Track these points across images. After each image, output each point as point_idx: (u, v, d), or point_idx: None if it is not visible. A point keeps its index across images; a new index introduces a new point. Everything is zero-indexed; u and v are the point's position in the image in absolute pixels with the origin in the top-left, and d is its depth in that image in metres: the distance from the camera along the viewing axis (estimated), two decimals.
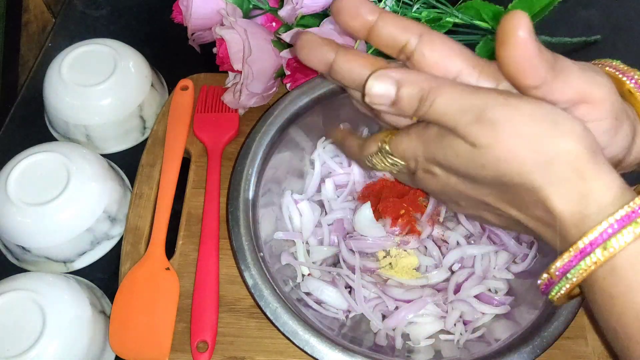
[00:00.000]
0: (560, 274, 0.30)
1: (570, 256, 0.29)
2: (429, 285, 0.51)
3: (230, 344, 0.49)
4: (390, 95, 0.32)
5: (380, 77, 0.32)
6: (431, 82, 0.31)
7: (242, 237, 0.48)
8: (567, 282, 0.30)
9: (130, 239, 0.54)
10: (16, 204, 0.51)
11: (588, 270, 0.29)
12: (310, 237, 0.53)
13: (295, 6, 0.56)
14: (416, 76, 0.32)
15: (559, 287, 0.31)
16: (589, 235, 0.28)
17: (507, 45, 0.30)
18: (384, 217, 0.53)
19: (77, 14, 0.74)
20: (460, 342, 0.48)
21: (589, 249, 0.29)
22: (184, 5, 0.59)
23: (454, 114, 0.30)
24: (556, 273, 0.30)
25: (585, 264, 0.29)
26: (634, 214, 0.28)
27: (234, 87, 0.58)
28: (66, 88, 0.59)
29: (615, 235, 0.28)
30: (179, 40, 0.64)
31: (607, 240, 0.28)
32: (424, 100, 0.31)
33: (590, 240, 0.28)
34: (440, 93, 0.31)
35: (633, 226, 0.28)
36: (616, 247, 0.28)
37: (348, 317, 0.50)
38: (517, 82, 0.31)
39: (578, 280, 0.30)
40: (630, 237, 0.28)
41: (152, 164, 0.58)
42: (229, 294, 0.51)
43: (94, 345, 0.48)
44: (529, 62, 0.30)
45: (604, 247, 0.28)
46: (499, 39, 0.30)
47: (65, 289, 0.48)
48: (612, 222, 0.28)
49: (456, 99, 0.30)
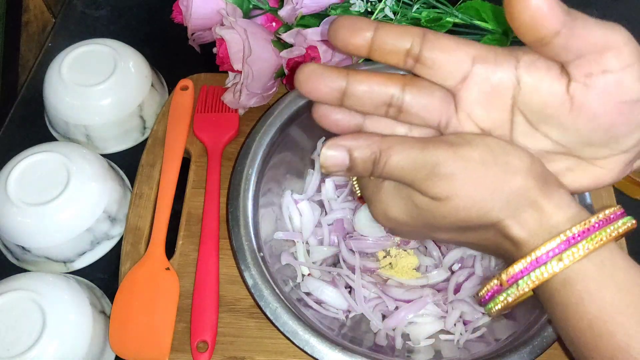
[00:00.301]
0: (511, 281, 0.31)
1: (526, 264, 0.31)
2: (429, 285, 0.51)
3: (230, 344, 0.49)
4: (344, 163, 0.33)
5: (332, 147, 0.32)
6: (382, 143, 0.32)
7: (242, 237, 0.48)
8: (516, 289, 0.31)
9: (130, 239, 0.54)
10: (16, 204, 0.51)
11: (540, 279, 0.30)
12: (310, 237, 0.53)
13: (295, 6, 0.56)
14: (366, 140, 0.32)
15: (505, 295, 0.32)
16: (546, 245, 0.30)
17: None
18: None
19: (77, 14, 0.74)
20: (460, 342, 0.48)
21: (545, 258, 0.30)
22: (184, 5, 0.59)
23: (409, 172, 0.31)
24: (507, 280, 0.31)
25: (539, 272, 0.30)
26: (589, 231, 0.30)
27: (234, 87, 0.58)
28: (66, 88, 0.59)
29: (571, 248, 0.30)
30: (179, 40, 0.64)
31: (562, 252, 0.30)
32: (377, 161, 0.32)
33: (547, 250, 0.30)
34: (392, 153, 0.31)
35: (587, 242, 0.30)
36: (571, 259, 0.30)
37: (348, 317, 0.50)
38: (535, 35, 0.29)
39: (527, 289, 0.31)
40: (583, 251, 0.30)
41: (152, 164, 0.58)
42: (229, 294, 0.51)
43: (94, 345, 0.48)
44: (544, 6, 0.28)
45: (559, 258, 0.30)
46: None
47: (65, 289, 0.48)
48: (570, 236, 0.30)
49: (408, 157, 0.31)
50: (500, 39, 0.62)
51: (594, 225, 0.30)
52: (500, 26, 0.62)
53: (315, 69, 0.32)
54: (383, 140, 0.32)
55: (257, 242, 0.48)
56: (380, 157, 0.32)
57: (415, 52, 0.32)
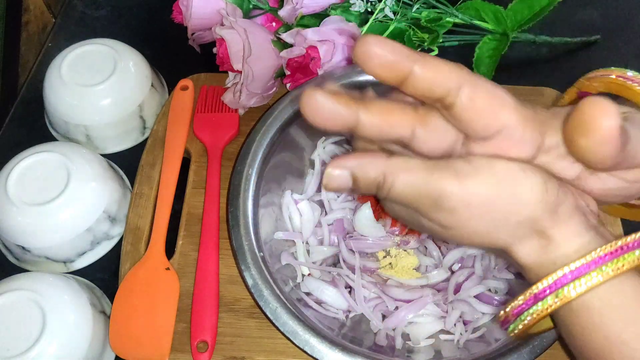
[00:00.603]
0: (514, 314, 0.32)
1: (525, 299, 0.31)
2: (429, 285, 0.51)
3: (230, 344, 0.49)
4: (347, 184, 0.32)
5: (336, 167, 0.32)
6: (386, 166, 0.31)
7: (242, 237, 0.48)
8: (520, 322, 0.32)
9: (130, 239, 0.54)
10: (16, 204, 0.51)
11: (541, 313, 0.31)
12: (310, 237, 0.53)
13: (295, 6, 0.56)
14: (370, 162, 0.32)
15: (514, 326, 0.32)
16: (543, 281, 0.30)
17: (587, 132, 0.29)
18: (384, 217, 0.53)
19: (77, 14, 0.74)
20: (461, 342, 0.48)
21: (542, 295, 0.30)
22: (184, 5, 0.59)
23: (414, 199, 0.31)
24: (512, 313, 0.32)
25: (537, 308, 0.31)
26: (592, 265, 0.30)
27: (234, 87, 0.58)
28: (66, 88, 0.59)
29: (568, 285, 0.30)
30: (179, 40, 0.64)
31: (559, 289, 0.30)
32: (381, 185, 0.32)
33: (544, 287, 0.30)
34: (396, 178, 0.31)
35: (586, 278, 0.29)
36: (567, 296, 0.30)
37: (348, 317, 0.50)
38: (587, 164, 0.31)
39: (531, 322, 0.31)
40: (582, 288, 0.29)
41: (152, 164, 0.58)
42: (229, 294, 0.51)
43: (93, 346, 0.48)
44: (609, 151, 0.29)
45: (556, 295, 0.30)
46: (577, 122, 0.29)
47: (65, 289, 0.48)
48: (567, 272, 0.30)
49: (413, 185, 0.31)
50: (500, 39, 0.62)
51: (601, 257, 0.30)
52: (500, 26, 0.62)
53: (323, 102, 0.30)
54: (388, 164, 0.31)
55: (257, 242, 0.48)
56: (385, 181, 0.31)
57: (447, 102, 0.30)
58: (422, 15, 0.58)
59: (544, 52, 0.69)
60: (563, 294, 0.30)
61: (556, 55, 0.69)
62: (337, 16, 0.57)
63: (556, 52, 0.69)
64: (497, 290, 0.51)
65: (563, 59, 0.68)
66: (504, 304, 0.49)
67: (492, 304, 0.50)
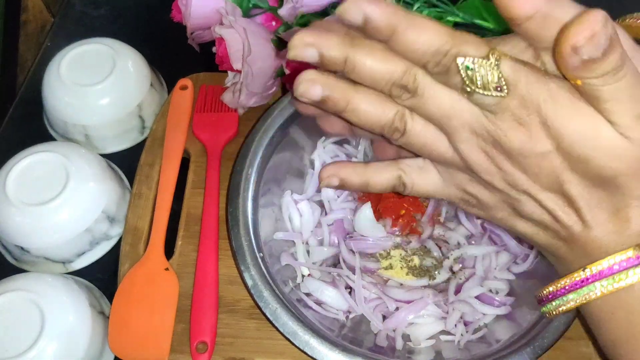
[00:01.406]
0: (555, 295, 0.31)
1: (572, 281, 0.30)
2: (430, 285, 0.51)
3: (229, 345, 0.49)
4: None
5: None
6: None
7: (242, 237, 0.48)
8: (564, 303, 0.31)
9: (129, 240, 0.54)
10: (15, 204, 0.51)
11: (585, 298, 0.30)
12: (310, 238, 0.53)
13: (295, 5, 0.56)
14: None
15: (555, 305, 0.32)
16: (592, 267, 0.29)
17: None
18: (384, 217, 0.53)
19: (76, 14, 0.74)
20: (461, 343, 0.48)
21: (609, 272, 0.29)
22: (183, 4, 0.59)
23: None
24: (549, 296, 0.31)
25: (581, 293, 0.30)
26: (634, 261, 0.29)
27: (234, 87, 0.57)
28: (65, 88, 0.59)
29: (608, 278, 0.29)
30: (178, 40, 0.63)
31: (604, 278, 0.29)
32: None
33: (590, 274, 0.30)
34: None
35: (624, 275, 0.29)
36: (610, 289, 0.29)
37: (348, 317, 0.50)
38: (506, 14, 0.28)
39: (572, 306, 0.31)
40: (623, 283, 0.29)
41: (151, 163, 0.58)
42: (228, 294, 0.51)
43: (92, 346, 0.48)
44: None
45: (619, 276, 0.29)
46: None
47: (64, 289, 0.48)
48: (613, 263, 0.29)
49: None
50: None
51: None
52: (501, 25, 0.62)
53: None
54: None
55: (256, 243, 0.48)
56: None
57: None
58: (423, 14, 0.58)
59: None
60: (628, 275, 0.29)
61: None
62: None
63: None
64: (497, 291, 0.51)
65: None
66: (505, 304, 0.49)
67: (493, 304, 0.50)
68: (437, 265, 0.52)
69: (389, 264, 0.52)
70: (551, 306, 0.32)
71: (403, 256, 0.52)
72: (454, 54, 0.27)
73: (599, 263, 0.29)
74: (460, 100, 0.29)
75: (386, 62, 0.29)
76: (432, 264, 0.52)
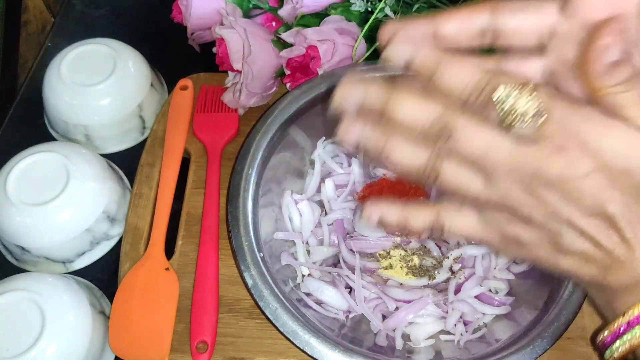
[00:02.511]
0: (609, 341, 0.31)
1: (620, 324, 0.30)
2: (430, 285, 0.51)
3: (230, 345, 0.49)
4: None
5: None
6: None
7: (242, 237, 0.48)
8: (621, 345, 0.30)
9: (129, 239, 0.54)
10: (15, 204, 0.51)
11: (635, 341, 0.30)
12: (310, 237, 0.53)
13: (295, 5, 0.56)
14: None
15: (617, 346, 0.31)
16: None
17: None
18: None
19: (76, 14, 0.74)
20: (461, 343, 0.48)
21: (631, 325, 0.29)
22: (183, 4, 0.59)
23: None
24: (605, 341, 0.31)
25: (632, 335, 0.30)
26: None
27: (234, 87, 0.57)
28: (65, 88, 0.59)
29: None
30: (178, 40, 0.64)
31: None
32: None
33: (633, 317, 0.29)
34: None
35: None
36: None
37: (348, 317, 0.50)
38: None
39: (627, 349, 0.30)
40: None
41: (152, 163, 0.58)
42: (228, 294, 0.51)
43: (93, 346, 0.48)
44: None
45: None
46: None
47: (65, 289, 0.48)
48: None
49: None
50: None
51: None
52: None
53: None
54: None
55: (257, 242, 0.48)
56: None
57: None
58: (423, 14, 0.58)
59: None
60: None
61: None
62: (337, 16, 0.56)
63: None
64: (497, 291, 0.51)
65: None
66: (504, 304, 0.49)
67: (493, 304, 0.50)
68: (436, 265, 0.52)
69: (389, 263, 0.52)
70: (614, 348, 0.31)
71: (403, 256, 0.52)
72: (491, 86, 0.28)
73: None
74: (497, 138, 0.30)
75: (422, 106, 0.30)
76: (432, 264, 0.52)
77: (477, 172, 0.31)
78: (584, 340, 0.49)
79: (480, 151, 0.30)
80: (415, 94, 0.30)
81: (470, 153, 0.30)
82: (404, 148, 0.32)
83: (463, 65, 0.30)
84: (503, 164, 0.30)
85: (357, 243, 0.52)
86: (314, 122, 0.55)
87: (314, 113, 0.54)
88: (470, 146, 0.30)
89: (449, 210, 0.34)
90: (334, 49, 0.55)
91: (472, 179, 0.31)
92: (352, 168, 0.56)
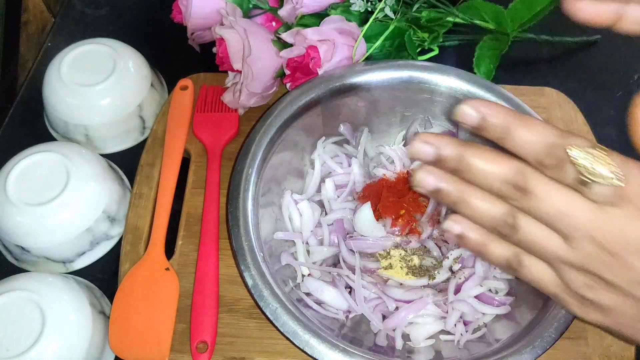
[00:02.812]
0: None
1: None
2: (430, 285, 0.51)
3: (230, 345, 0.49)
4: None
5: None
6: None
7: (242, 237, 0.48)
8: None
9: (129, 239, 0.54)
10: (15, 204, 0.51)
11: None
12: (310, 237, 0.53)
13: (295, 5, 0.56)
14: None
15: None
16: None
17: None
18: (384, 217, 0.53)
19: (76, 14, 0.74)
20: (461, 343, 0.48)
21: None
22: (183, 4, 0.59)
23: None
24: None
25: None
26: None
27: (234, 87, 0.58)
28: (66, 88, 0.59)
29: None
30: (178, 40, 0.64)
31: None
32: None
33: None
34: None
35: None
36: None
37: (348, 317, 0.50)
38: None
39: None
40: None
41: (152, 163, 0.58)
42: (228, 294, 0.51)
43: (93, 346, 0.48)
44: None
45: None
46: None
47: (65, 289, 0.48)
48: None
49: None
50: (501, 39, 0.62)
51: None
52: (500, 26, 0.62)
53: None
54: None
55: (257, 242, 0.48)
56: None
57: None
58: (423, 14, 0.58)
59: (544, 52, 0.69)
60: None
61: (556, 55, 0.69)
62: (337, 16, 0.56)
63: (556, 52, 0.69)
64: (497, 291, 0.51)
65: (563, 59, 0.68)
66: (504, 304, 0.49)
67: (493, 304, 0.50)
68: (436, 265, 0.52)
69: (389, 263, 0.52)
70: None
71: (403, 256, 0.52)
72: (566, 146, 0.28)
73: None
74: (575, 198, 0.29)
75: (497, 163, 0.30)
76: (432, 264, 0.52)
77: (554, 232, 0.30)
78: (584, 340, 0.49)
79: (556, 211, 0.29)
80: (489, 150, 0.31)
81: (547, 212, 0.30)
82: (483, 197, 0.32)
83: (537, 124, 0.30)
84: (583, 225, 0.29)
85: (357, 243, 0.52)
86: (314, 122, 0.55)
87: (314, 113, 0.54)
88: (547, 204, 0.30)
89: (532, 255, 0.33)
90: (334, 49, 0.55)
91: (550, 237, 0.31)
92: (352, 168, 0.56)
